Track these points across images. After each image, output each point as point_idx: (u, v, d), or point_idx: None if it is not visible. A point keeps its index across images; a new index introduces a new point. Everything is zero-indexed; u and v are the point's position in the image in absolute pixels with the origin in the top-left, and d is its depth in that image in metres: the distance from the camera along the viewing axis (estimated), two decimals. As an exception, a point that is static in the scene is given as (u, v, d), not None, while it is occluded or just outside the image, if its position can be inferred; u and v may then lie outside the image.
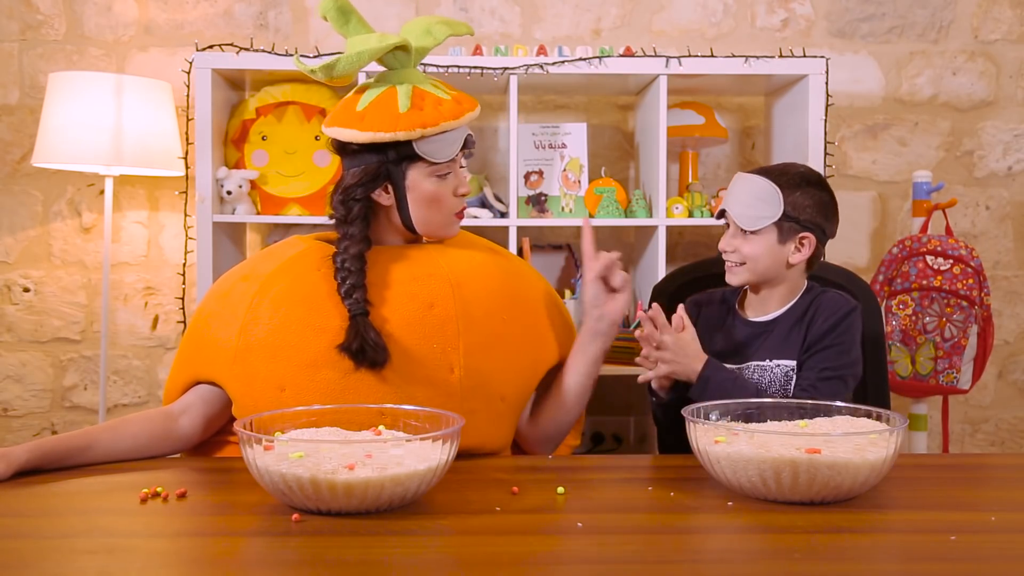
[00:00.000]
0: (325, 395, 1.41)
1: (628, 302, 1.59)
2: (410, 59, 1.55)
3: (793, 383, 1.65)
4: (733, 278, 1.69)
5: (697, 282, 1.98)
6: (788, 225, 1.64)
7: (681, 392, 1.64)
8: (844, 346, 1.64)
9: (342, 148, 1.55)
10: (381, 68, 1.58)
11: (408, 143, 1.50)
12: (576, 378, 1.59)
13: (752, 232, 1.64)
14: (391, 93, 1.51)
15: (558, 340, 1.61)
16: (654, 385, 1.67)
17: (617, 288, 1.58)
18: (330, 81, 1.52)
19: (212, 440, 1.55)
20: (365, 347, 1.41)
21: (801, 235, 1.65)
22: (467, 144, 1.56)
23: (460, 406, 1.41)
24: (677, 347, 1.60)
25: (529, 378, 1.56)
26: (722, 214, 1.71)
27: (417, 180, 1.53)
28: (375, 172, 1.52)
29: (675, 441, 1.72)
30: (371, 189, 1.53)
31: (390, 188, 1.54)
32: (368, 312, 1.45)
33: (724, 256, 1.69)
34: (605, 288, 1.58)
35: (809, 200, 1.64)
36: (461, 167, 1.60)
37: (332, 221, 1.56)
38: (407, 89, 1.51)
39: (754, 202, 1.64)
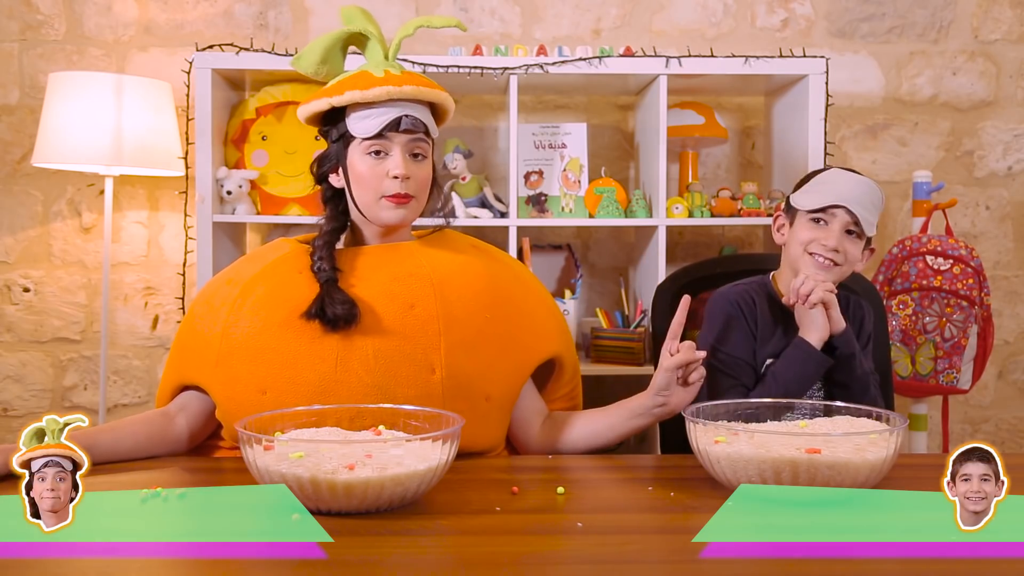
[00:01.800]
0: (306, 397, 1.38)
1: (694, 396, 1.48)
2: (380, 51, 1.52)
3: None
4: (827, 275, 1.63)
5: (698, 282, 1.97)
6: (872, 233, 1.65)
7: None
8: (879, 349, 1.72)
9: (325, 138, 1.56)
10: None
11: (346, 121, 1.50)
12: (605, 434, 1.55)
13: (857, 235, 1.63)
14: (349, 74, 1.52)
15: (547, 338, 1.58)
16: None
17: (691, 383, 1.49)
18: (307, 75, 1.53)
19: (206, 444, 1.54)
20: (325, 308, 1.40)
21: (870, 244, 1.68)
22: (400, 124, 1.48)
23: (442, 407, 1.37)
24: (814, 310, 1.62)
25: (515, 377, 1.53)
26: (822, 209, 1.63)
27: (353, 159, 1.51)
28: (325, 153, 1.54)
29: (679, 436, 1.72)
30: (325, 173, 1.55)
31: (340, 170, 1.54)
32: (337, 279, 1.45)
33: (821, 253, 1.63)
34: (678, 378, 1.47)
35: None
36: (418, 155, 1.51)
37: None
38: (362, 67, 1.51)
39: (871, 206, 1.62)
